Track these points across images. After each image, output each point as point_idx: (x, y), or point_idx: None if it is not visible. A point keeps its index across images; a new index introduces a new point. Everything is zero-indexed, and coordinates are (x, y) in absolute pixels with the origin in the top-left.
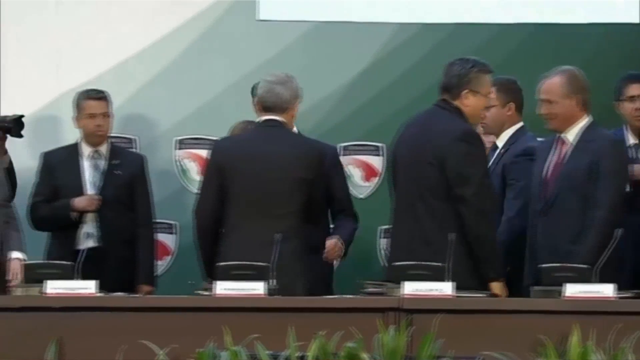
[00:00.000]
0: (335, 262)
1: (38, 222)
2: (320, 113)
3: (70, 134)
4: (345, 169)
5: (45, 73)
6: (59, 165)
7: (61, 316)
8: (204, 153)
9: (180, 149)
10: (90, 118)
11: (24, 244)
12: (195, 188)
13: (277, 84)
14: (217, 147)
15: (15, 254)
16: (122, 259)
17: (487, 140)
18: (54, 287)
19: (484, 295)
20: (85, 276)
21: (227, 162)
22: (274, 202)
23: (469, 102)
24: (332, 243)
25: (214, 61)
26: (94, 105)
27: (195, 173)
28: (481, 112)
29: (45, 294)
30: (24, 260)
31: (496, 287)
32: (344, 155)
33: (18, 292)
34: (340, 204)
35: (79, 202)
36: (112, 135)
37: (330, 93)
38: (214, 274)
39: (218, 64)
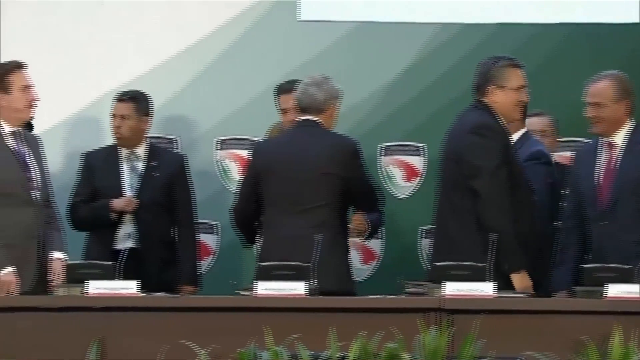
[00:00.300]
0: (361, 239)
1: (77, 222)
2: (360, 113)
3: (111, 135)
4: (386, 169)
5: (87, 73)
6: (99, 166)
7: (103, 316)
8: (244, 153)
9: (221, 149)
10: (113, 119)
11: (65, 244)
12: (235, 188)
13: (311, 86)
14: (256, 150)
15: (57, 254)
16: (161, 260)
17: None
18: (96, 287)
19: (525, 295)
20: (125, 277)
21: (264, 165)
22: (303, 197)
23: (496, 98)
24: (357, 217)
25: (255, 61)
26: (115, 107)
27: (235, 173)
28: (515, 106)
29: (87, 294)
30: (65, 260)
31: (516, 279)
32: (384, 155)
33: (60, 292)
34: None
35: (117, 203)
36: (153, 135)
37: (371, 93)
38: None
39: (259, 65)
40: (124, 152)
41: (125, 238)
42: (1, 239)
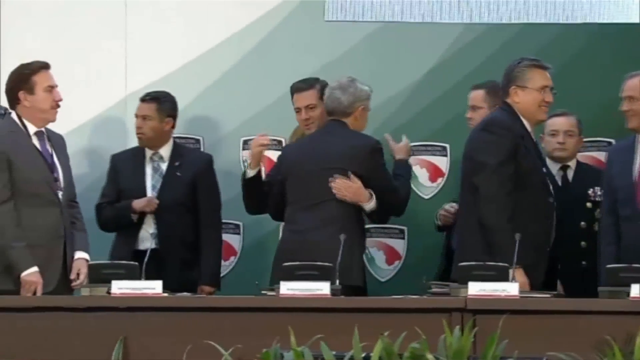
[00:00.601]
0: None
1: (102, 222)
2: (385, 113)
3: (136, 135)
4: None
5: (112, 74)
6: (124, 168)
7: (126, 316)
8: (269, 153)
9: (246, 149)
10: (136, 120)
11: (88, 244)
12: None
13: (336, 90)
14: (282, 155)
15: (80, 254)
16: (182, 261)
17: None
18: (120, 287)
19: (549, 295)
20: (146, 278)
21: (287, 168)
22: (312, 191)
23: (518, 98)
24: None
25: (281, 61)
26: (139, 107)
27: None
28: (538, 106)
29: (111, 294)
30: (88, 260)
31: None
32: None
33: (84, 292)
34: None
35: (137, 203)
36: (178, 135)
37: (396, 94)
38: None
39: (285, 64)
40: (148, 153)
41: (146, 239)
42: (26, 239)
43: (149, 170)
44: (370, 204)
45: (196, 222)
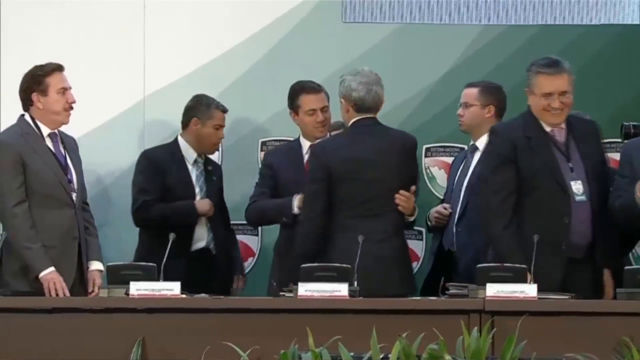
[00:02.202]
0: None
1: (149, 220)
2: (404, 114)
3: (155, 135)
4: (429, 170)
5: (130, 76)
6: (166, 165)
7: (145, 317)
8: None
9: (263, 150)
10: (217, 130)
11: (100, 250)
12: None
13: (374, 84)
14: (322, 152)
15: (95, 265)
16: (225, 260)
17: None
18: (138, 289)
19: (567, 297)
20: (196, 278)
21: (337, 167)
22: (379, 201)
23: (530, 102)
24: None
25: (299, 62)
26: (221, 117)
27: None
28: (544, 111)
29: (130, 295)
30: (102, 271)
31: None
32: (427, 156)
33: (103, 293)
34: None
35: (203, 206)
36: None
37: (414, 94)
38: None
39: (303, 65)
40: (189, 154)
41: (201, 239)
42: (41, 240)
43: (194, 172)
44: (415, 215)
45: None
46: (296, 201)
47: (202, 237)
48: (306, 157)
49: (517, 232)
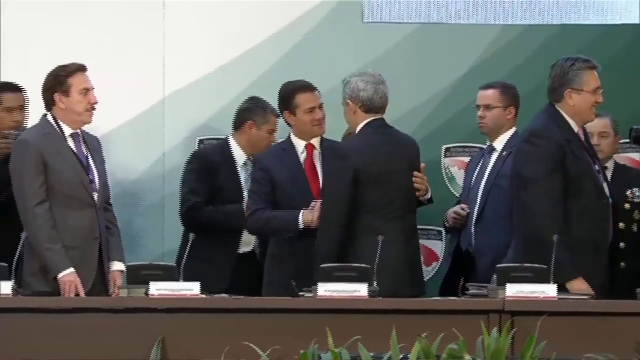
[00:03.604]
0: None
1: (199, 223)
2: (423, 114)
3: (175, 136)
4: (448, 170)
5: (150, 75)
6: (218, 166)
7: (165, 317)
8: None
9: None
10: (269, 135)
11: (123, 251)
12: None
13: (381, 84)
14: (349, 153)
15: (116, 265)
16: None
17: None
18: (158, 289)
19: (587, 297)
20: (241, 279)
21: (363, 168)
22: (403, 201)
23: (572, 102)
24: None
25: (318, 63)
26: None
27: None
28: (590, 108)
29: (149, 295)
30: (123, 271)
31: (571, 287)
32: (446, 156)
33: (123, 293)
34: None
35: (308, 217)
36: (216, 137)
37: (433, 95)
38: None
39: (322, 66)
40: (239, 155)
41: (248, 243)
42: (61, 240)
43: (242, 174)
44: (429, 194)
45: None
46: (302, 216)
47: (249, 241)
48: (302, 156)
49: (567, 236)
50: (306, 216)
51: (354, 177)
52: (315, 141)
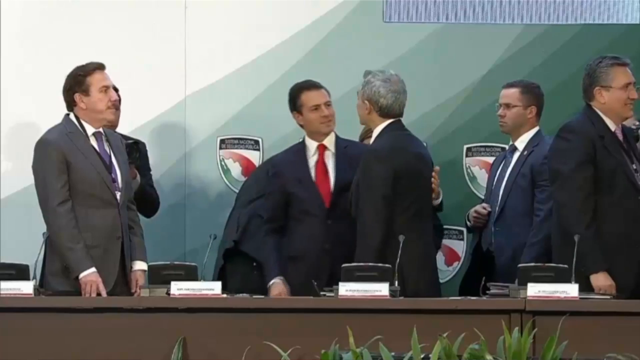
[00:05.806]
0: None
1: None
2: (445, 114)
3: (196, 135)
4: (470, 170)
5: (172, 75)
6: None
7: (186, 317)
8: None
9: None
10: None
11: (145, 251)
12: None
13: (401, 93)
14: (388, 156)
15: (138, 265)
16: None
17: None
18: (179, 288)
19: (608, 297)
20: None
21: (400, 168)
22: (428, 202)
23: (603, 99)
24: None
25: (340, 62)
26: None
27: None
28: (624, 105)
29: (171, 295)
30: (146, 271)
31: (594, 280)
32: (467, 156)
33: (144, 293)
34: None
35: (275, 290)
36: (237, 136)
37: (455, 94)
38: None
39: (344, 65)
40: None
41: None
42: (83, 239)
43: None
44: (440, 198)
45: None
46: (272, 282)
47: None
48: (314, 158)
49: (598, 231)
50: (275, 287)
51: (395, 178)
52: (329, 142)
